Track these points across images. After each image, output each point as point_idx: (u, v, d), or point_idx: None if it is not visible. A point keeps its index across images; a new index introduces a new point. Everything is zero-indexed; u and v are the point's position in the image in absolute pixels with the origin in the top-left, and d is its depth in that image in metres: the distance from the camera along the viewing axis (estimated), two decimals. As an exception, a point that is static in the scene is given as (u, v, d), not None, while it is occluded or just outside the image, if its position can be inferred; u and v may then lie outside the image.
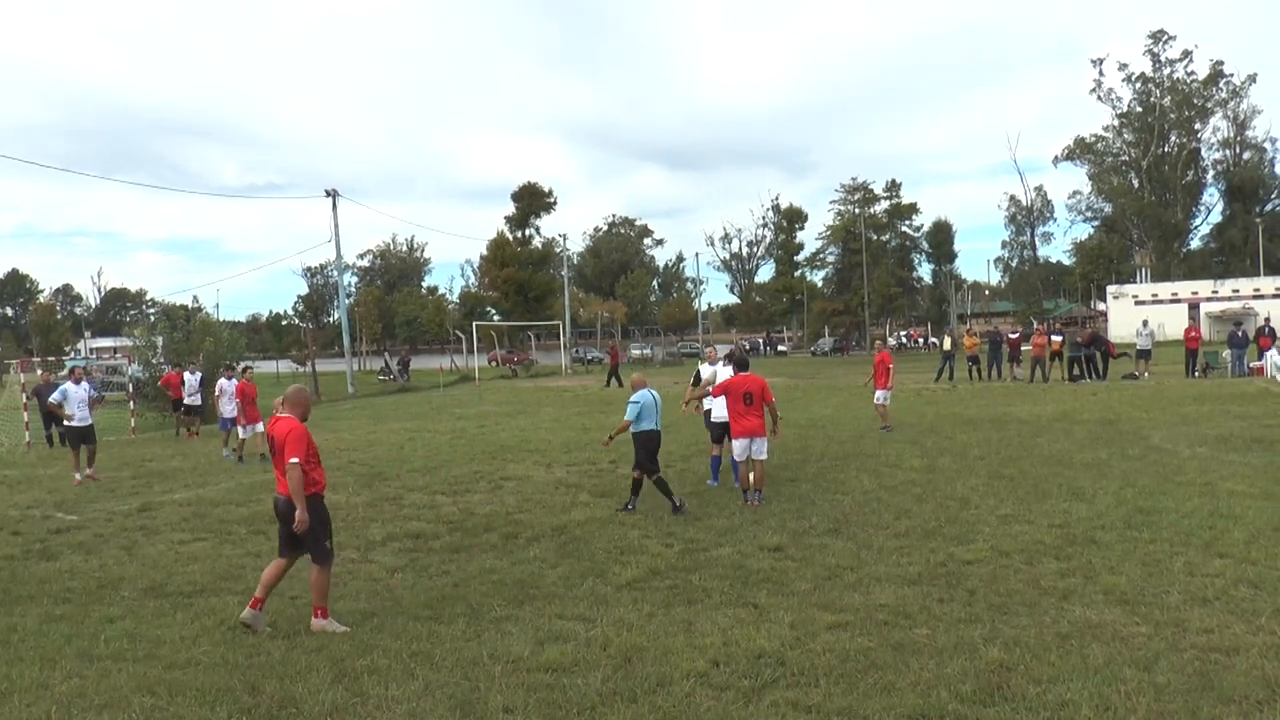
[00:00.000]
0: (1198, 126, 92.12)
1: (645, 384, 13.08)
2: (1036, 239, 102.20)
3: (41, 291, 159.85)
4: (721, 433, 14.18)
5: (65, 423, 18.23)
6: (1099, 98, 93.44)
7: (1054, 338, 35.52)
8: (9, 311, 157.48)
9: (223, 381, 22.28)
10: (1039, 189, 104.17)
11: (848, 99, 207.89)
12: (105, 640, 7.81)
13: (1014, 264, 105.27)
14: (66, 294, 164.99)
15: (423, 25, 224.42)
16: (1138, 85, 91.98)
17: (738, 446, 12.89)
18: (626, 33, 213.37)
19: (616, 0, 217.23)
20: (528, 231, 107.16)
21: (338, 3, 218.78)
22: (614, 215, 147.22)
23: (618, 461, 17.07)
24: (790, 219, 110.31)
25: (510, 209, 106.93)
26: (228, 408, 21.62)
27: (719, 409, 14.04)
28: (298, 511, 7.77)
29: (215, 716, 6.12)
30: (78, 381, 18.87)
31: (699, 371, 16.32)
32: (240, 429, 20.34)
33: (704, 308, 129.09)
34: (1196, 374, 33.47)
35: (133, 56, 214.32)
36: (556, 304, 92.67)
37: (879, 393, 20.91)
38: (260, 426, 19.93)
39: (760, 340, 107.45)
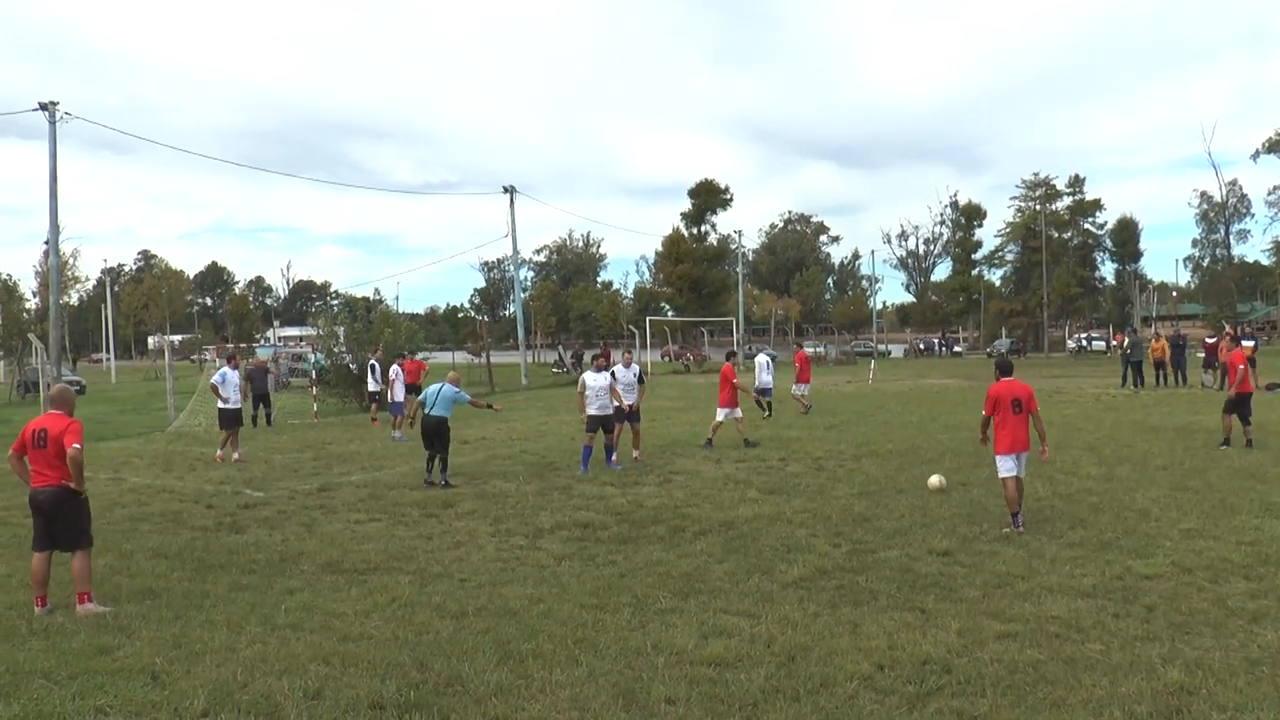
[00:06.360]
0: None
1: (456, 380, 16.03)
2: (1231, 237, 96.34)
3: (237, 283, 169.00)
4: (597, 425, 16.18)
5: (220, 404, 19.40)
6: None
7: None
8: (208, 301, 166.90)
9: (396, 368, 23.15)
10: (1234, 183, 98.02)
11: (1020, 91, 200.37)
12: (285, 610, 8.26)
13: (1205, 264, 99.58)
14: (259, 285, 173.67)
15: (588, 23, 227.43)
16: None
17: (1009, 463, 11.01)
18: (792, 28, 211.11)
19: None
20: (703, 228, 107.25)
21: (505, 4, 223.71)
22: (789, 212, 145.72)
23: (787, 459, 17.00)
24: (968, 216, 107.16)
25: (685, 205, 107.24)
26: (398, 393, 22.56)
27: (600, 404, 16.18)
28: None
29: (385, 689, 6.38)
30: (235, 368, 19.90)
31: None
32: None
33: (879, 306, 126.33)
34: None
35: (310, 62, 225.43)
36: (730, 300, 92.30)
37: (796, 386, 26.05)
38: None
39: (936, 340, 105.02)
